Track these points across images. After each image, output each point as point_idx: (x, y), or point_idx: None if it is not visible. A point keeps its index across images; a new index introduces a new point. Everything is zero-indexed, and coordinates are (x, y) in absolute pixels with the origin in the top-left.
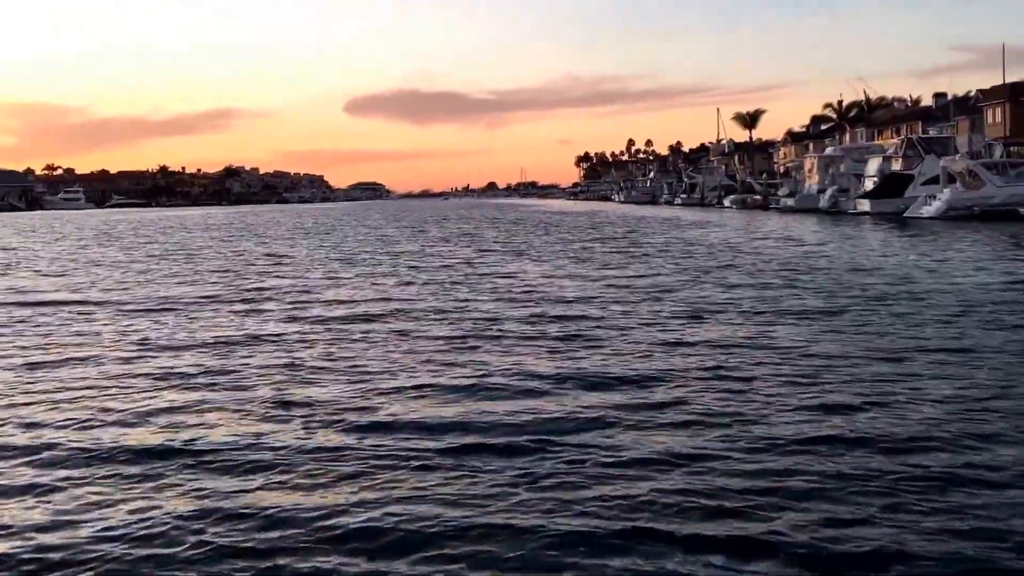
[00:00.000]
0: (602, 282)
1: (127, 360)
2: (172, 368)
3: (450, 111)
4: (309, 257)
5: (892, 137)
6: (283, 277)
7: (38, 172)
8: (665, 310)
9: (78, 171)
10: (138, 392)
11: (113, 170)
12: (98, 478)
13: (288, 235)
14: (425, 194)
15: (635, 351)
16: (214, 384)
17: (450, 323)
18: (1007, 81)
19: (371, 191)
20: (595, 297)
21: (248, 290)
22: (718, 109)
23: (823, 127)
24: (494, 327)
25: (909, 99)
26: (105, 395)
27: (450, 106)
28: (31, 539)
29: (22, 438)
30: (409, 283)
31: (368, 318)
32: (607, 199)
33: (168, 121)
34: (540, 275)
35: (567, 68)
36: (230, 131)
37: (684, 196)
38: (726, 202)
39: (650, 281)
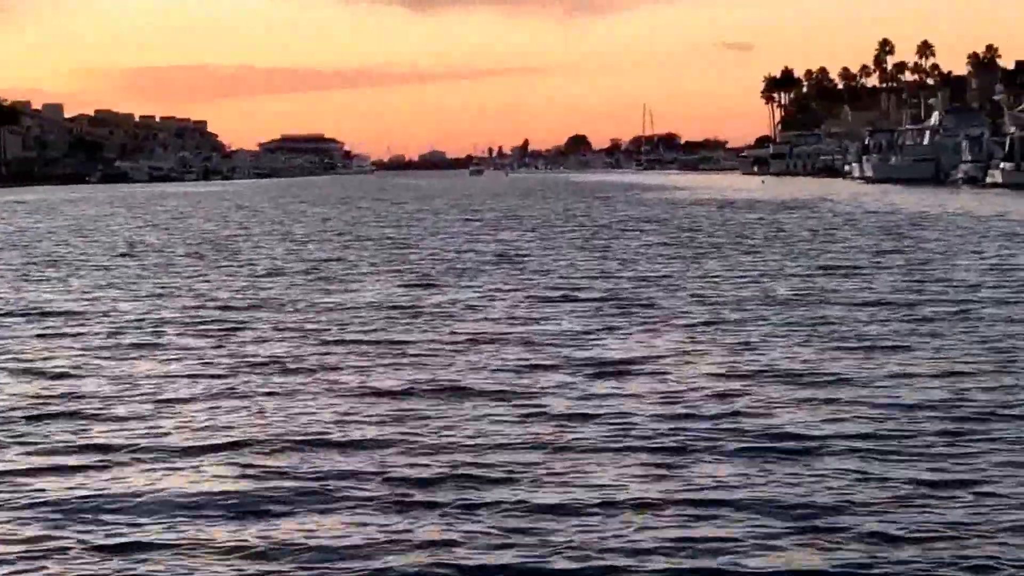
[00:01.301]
0: (862, 394)
1: None
2: None
3: None
4: None
5: None
6: None
7: None
8: None
9: None
10: None
11: None
12: None
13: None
14: (429, 163)
15: None
16: None
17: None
18: None
19: (314, 154)
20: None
21: None
22: None
23: None
24: None
25: None
26: None
27: None
28: None
29: None
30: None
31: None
32: (835, 172)
33: None
34: (709, 368)
35: None
36: None
37: (1009, 166)
38: None
39: (983, 400)
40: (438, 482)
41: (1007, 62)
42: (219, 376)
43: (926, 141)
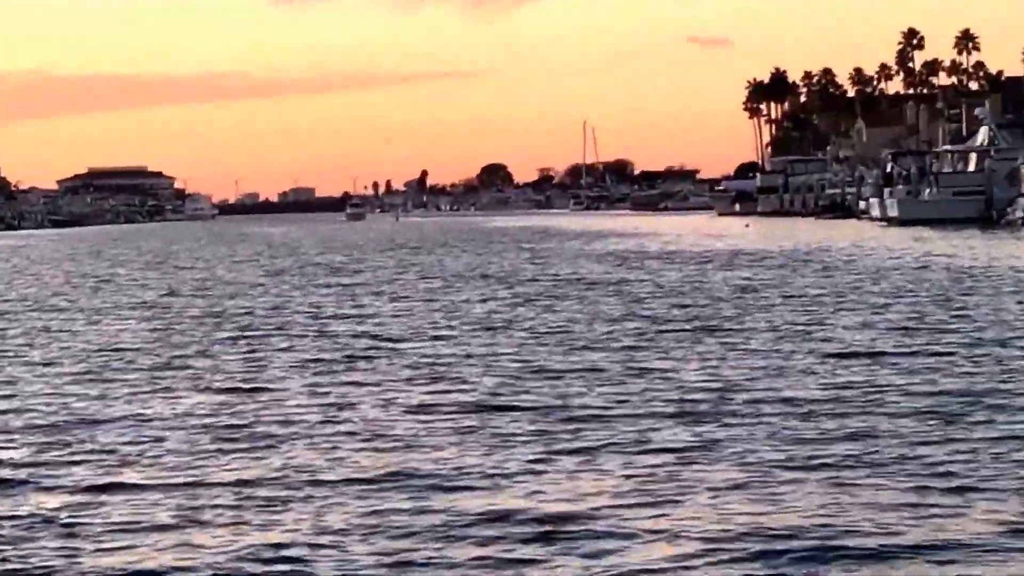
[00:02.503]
0: None
1: None
2: None
3: None
4: None
5: None
6: None
7: None
8: None
9: None
10: None
11: None
12: None
13: None
14: (292, 204)
15: None
16: None
17: None
18: None
19: (133, 193)
20: None
21: None
22: None
23: None
24: None
25: None
26: None
27: None
28: None
29: None
30: None
31: None
32: (846, 211)
33: None
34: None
35: None
36: None
37: None
38: None
39: None
40: None
41: None
42: None
43: (971, 167)
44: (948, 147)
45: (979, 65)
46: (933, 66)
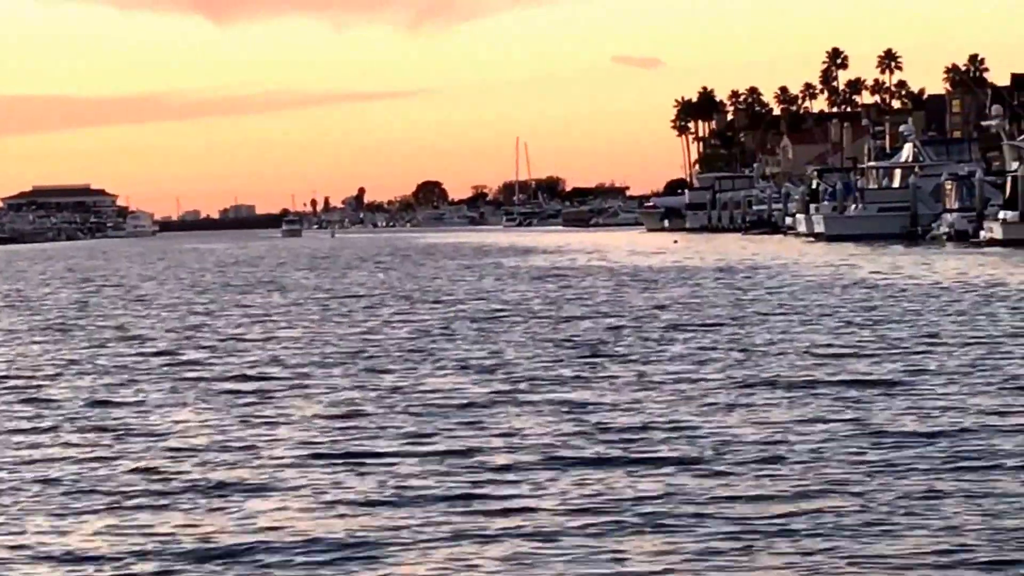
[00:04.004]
0: None
1: None
2: None
3: None
4: None
5: None
6: None
7: None
8: None
9: None
10: None
11: None
12: None
13: None
14: (233, 221)
15: None
16: None
17: None
18: None
19: (75, 210)
20: None
21: None
22: None
23: None
24: None
25: None
26: None
27: None
28: None
29: None
30: None
31: None
32: (773, 226)
33: None
34: None
35: None
36: None
37: (1011, 216)
38: None
39: None
40: None
41: (998, 76)
42: None
43: (896, 183)
44: (873, 164)
45: (901, 84)
46: (856, 85)
